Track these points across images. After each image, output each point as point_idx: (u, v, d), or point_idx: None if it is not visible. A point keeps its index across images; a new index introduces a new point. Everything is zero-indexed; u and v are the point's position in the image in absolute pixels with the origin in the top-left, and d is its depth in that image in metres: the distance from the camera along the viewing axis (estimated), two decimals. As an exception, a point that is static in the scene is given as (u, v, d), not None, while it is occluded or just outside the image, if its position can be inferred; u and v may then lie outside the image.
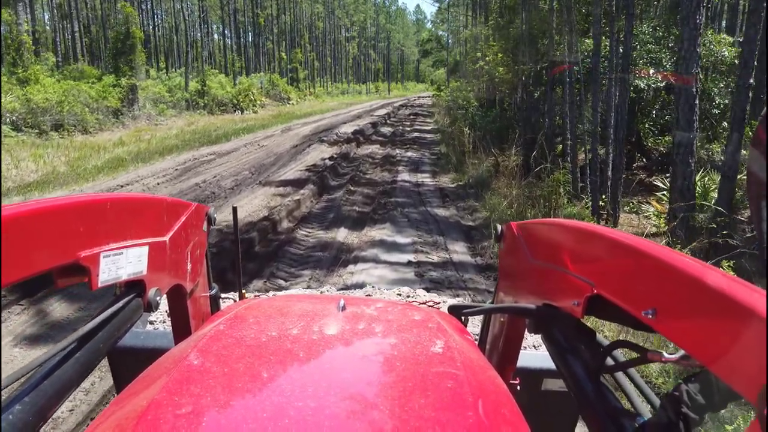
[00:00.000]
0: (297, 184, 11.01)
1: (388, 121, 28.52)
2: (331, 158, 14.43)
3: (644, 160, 12.44)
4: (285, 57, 54.86)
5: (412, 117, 32.11)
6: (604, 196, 8.44)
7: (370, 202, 9.49)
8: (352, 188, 10.62)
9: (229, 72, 45.55)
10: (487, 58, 14.78)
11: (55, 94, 20.24)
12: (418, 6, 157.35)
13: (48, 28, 36.67)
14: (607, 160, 8.45)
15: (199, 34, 53.81)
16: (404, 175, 12.21)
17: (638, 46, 10.00)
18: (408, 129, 23.98)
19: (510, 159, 10.96)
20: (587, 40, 10.76)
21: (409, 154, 15.70)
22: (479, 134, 13.72)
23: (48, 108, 19.62)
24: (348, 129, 23.15)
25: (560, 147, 11.50)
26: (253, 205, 8.83)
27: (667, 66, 9.89)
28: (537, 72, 11.96)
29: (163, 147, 17.95)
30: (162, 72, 36.23)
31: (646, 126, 11.52)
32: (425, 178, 11.92)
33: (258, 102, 39.35)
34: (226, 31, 53.43)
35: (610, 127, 8.33)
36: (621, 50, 8.01)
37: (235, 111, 36.39)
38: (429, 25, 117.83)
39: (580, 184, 9.26)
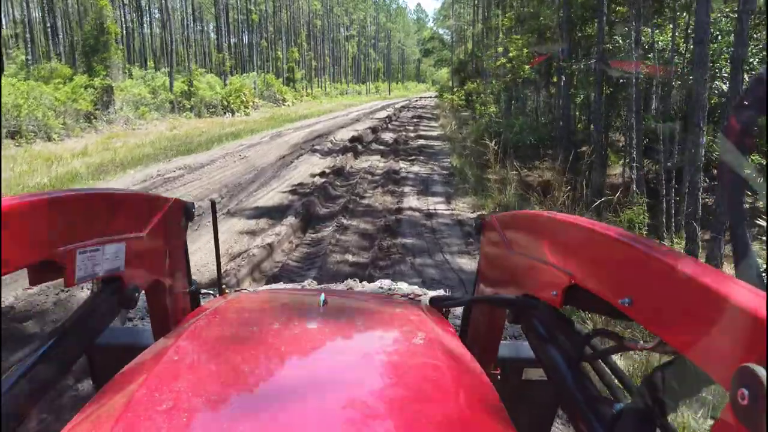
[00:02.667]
0: (275, 214, 8.60)
1: (389, 126, 26.07)
2: (322, 174, 12.01)
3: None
4: (281, 56, 52.42)
5: (415, 120, 29.66)
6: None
7: (368, 245, 7.05)
8: (345, 221, 8.17)
9: (221, 72, 43.11)
10: (509, 54, 12.38)
11: (12, 96, 17.82)
12: (418, 4, 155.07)
13: (26, 21, 34.26)
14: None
15: (186, 32, 51.39)
16: (411, 200, 9.75)
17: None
18: (412, 135, 21.53)
19: (547, 176, 8.57)
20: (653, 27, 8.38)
21: (415, 168, 13.24)
22: (500, 145, 11.30)
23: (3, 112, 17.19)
24: (345, 135, 20.73)
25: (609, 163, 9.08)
26: (208, 251, 6.38)
27: None
28: (585, 70, 9.57)
29: (131, 157, 15.58)
30: (149, 71, 33.83)
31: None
32: (438, 205, 9.46)
33: (250, 104, 36.93)
34: (218, 28, 50.97)
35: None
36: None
37: (225, 113, 33.99)
38: (430, 24, 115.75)
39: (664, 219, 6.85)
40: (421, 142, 19.18)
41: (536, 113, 13.52)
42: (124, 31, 48.40)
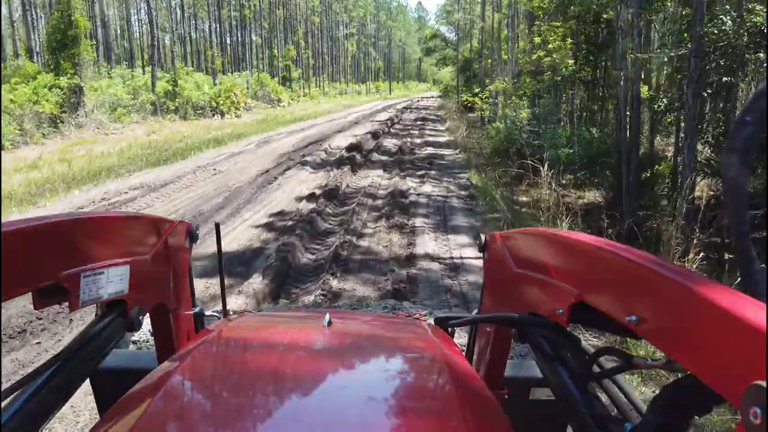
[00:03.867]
0: (237, 268, 6.11)
1: (391, 130, 23.53)
2: (310, 197, 9.51)
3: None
4: (276, 53, 49.87)
5: (419, 123, 27.13)
6: None
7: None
8: (335, 283, 5.65)
9: (211, 71, 40.56)
10: (549, 46, 9.90)
11: (-47, 97, 15.32)
12: (419, 3, 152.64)
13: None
14: None
15: (179, 29, 48.83)
16: (427, 241, 7.19)
17: None
18: (418, 142, 18.98)
19: (593, 199, 6.06)
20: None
21: (427, 188, 10.69)
22: (540, 161, 8.79)
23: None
24: (342, 142, 18.21)
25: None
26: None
27: None
28: (672, 62, 7.07)
29: (88, 171, 13.11)
30: (130, 70, 31.31)
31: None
32: (465, 249, 6.88)
33: (242, 104, 34.39)
34: (208, 25, 48.41)
35: None
36: None
37: (213, 115, 31.46)
38: (432, 22, 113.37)
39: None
40: (429, 150, 16.63)
41: (573, 120, 11.07)
42: (118, 29, 45.98)
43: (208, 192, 10.16)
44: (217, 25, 44.39)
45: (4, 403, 0.79)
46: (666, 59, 6.82)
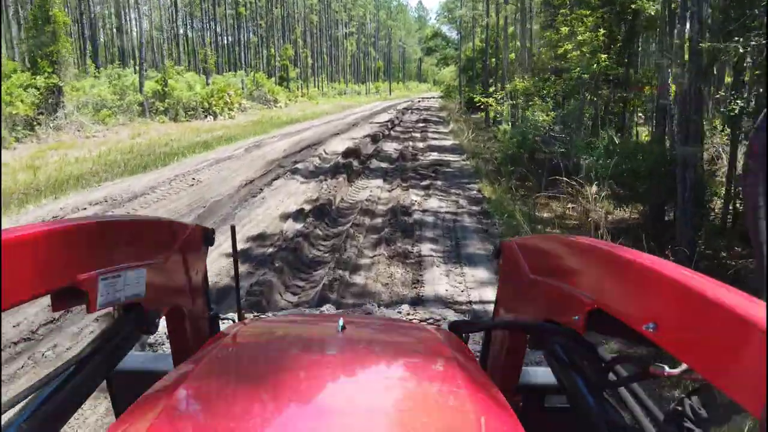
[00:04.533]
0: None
1: (392, 133, 22.13)
2: (298, 215, 8.13)
3: None
4: (273, 53, 48.48)
5: (421, 126, 25.73)
6: None
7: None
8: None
9: (205, 70, 39.15)
10: (578, 38, 8.50)
11: None
12: (420, 2, 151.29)
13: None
14: None
15: (174, 28, 47.43)
16: (437, 277, 5.78)
17: None
18: (421, 146, 17.58)
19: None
20: None
21: (433, 203, 9.28)
22: (566, 173, 7.40)
23: None
24: (338, 146, 16.82)
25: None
26: None
27: None
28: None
29: (55, 179, 11.76)
30: (118, 70, 29.90)
31: None
32: (484, 289, 5.49)
33: (236, 105, 33.02)
34: (203, 23, 47.02)
35: None
36: None
37: (206, 116, 30.10)
38: (432, 22, 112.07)
39: None
40: (434, 156, 15.23)
41: (597, 124, 9.68)
42: (113, 29, 44.63)
43: (179, 208, 8.78)
44: (212, 24, 43.03)
45: (23, 404, 0.80)
46: (748, 49, 5.46)
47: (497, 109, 10.97)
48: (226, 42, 48.53)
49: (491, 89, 29.94)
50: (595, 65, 8.29)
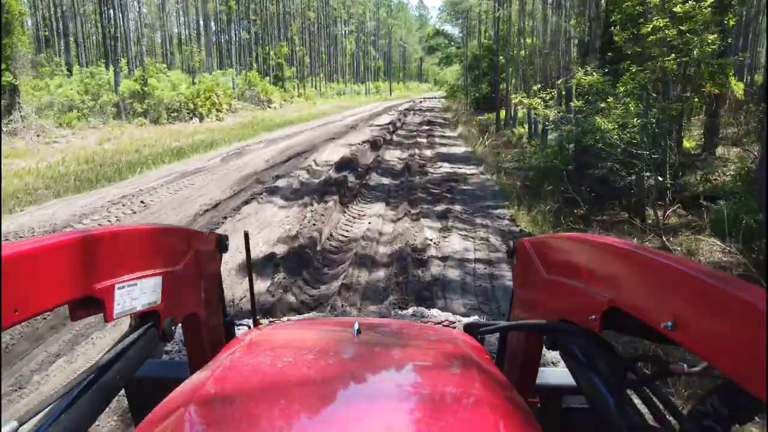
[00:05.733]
0: None
1: (394, 138, 19.64)
2: (266, 263, 5.66)
3: None
4: (269, 50, 45.94)
5: (426, 129, 23.24)
6: None
7: None
8: None
9: (195, 69, 36.63)
10: (673, 8, 6.00)
11: None
12: (420, 0, 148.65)
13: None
14: None
15: (166, 25, 44.87)
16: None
17: None
18: (429, 155, 15.07)
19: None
20: None
21: (455, 244, 6.76)
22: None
23: None
24: (333, 154, 14.34)
25: None
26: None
27: None
28: None
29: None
30: (100, 67, 27.41)
31: None
32: None
33: (224, 106, 30.54)
34: (193, 19, 44.49)
35: None
36: None
37: (191, 118, 27.62)
38: (433, 20, 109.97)
39: None
40: (445, 168, 12.73)
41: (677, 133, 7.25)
42: (99, 25, 42.11)
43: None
44: (202, 19, 40.51)
45: (44, 413, 0.80)
46: None
47: (545, 114, 8.52)
48: (217, 39, 45.91)
49: (501, 87, 27.55)
50: (697, 49, 5.86)
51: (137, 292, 0.99)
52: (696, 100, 7.25)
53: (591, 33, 9.35)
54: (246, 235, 1.67)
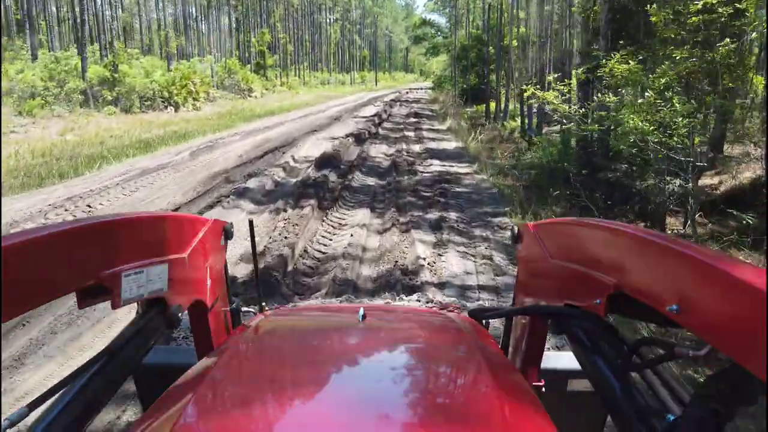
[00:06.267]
0: None
1: (379, 131, 18.51)
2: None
3: None
4: (251, 38, 44.31)
5: (414, 122, 22.11)
6: None
7: None
8: None
9: (171, 55, 35.00)
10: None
11: None
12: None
13: None
14: None
15: (141, 8, 42.99)
16: None
17: None
18: (417, 150, 13.97)
19: None
20: None
21: (454, 264, 5.64)
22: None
23: None
24: (314, 149, 13.19)
25: None
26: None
27: None
28: None
29: None
30: (58, 52, 25.78)
31: None
32: None
33: (202, 95, 29.11)
34: (167, 2, 42.66)
35: None
36: None
37: (166, 107, 26.20)
38: (420, 10, 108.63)
39: None
40: (436, 165, 11.65)
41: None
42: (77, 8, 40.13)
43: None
44: (179, 4, 38.79)
45: (53, 399, 0.81)
46: None
47: (562, 109, 7.46)
48: (197, 25, 44.25)
49: (492, 78, 26.47)
50: (756, 32, 4.83)
51: (144, 280, 0.98)
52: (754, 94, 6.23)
53: (600, 17, 8.32)
54: (250, 223, 1.79)
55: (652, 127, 5.41)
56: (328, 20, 73.30)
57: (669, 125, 5.35)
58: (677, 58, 5.46)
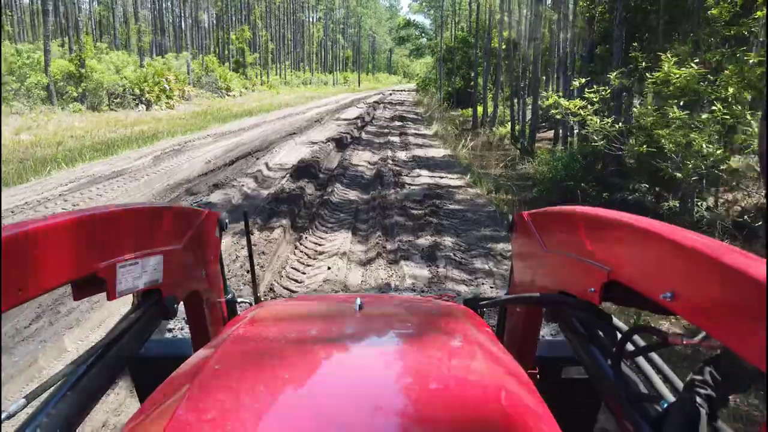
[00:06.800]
0: None
1: (363, 135, 17.43)
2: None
3: None
4: (232, 36, 42.84)
5: (398, 126, 21.05)
6: None
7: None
8: None
9: (143, 50, 33.43)
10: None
11: None
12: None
13: None
14: None
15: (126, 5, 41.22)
16: None
17: None
18: (403, 158, 12.90)
19: None
20: None
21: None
22: None
23: None
24: (291, 155, 12.06)
25: None
26: None
27: None
28: None
29: None
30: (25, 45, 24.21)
31: None
32: None
33: (176, 93, 27.73)
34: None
35: None
36: None
37: (138, 105, 24.82)
38: (404, 11, 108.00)
39: None
40: (425, 177, 10.60)
41: None
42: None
43: None
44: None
45: (50, 391, 0.81)
46: None
47: (592, 123, 6.39)
48: (173, 19, 42.67)
49: (479, 81, 25.56)
50: None
51: (139, 271, 0.98)
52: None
53: (614, 15, 7.36)
54: (245, 215, 1.76)
55: (724, 152, 4.39)
56: (311, 19, 72.03)
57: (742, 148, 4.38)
58: (751, 61, 4.45)
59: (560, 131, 18.41)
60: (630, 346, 0.90)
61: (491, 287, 5.06)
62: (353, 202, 8.24)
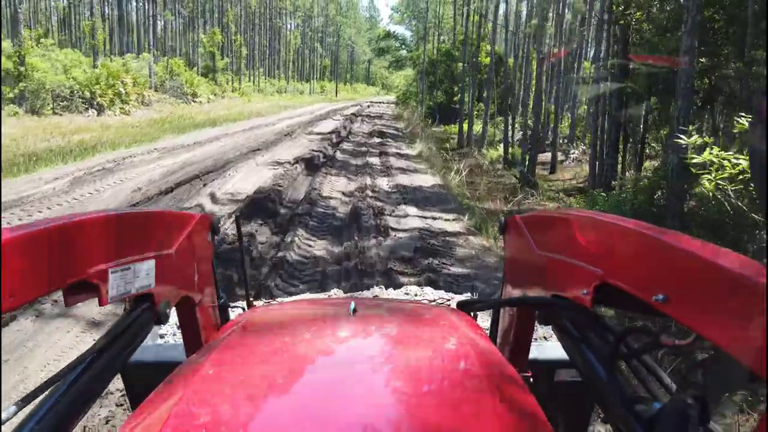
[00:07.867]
0: None
1: (337, 154, 15.23)
2: None
3: None
4: (203, 39, 40.31)
5: (378, 143, 18.90)
6: None
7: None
8: None
9: (96, 49, 30.71)
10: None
11: None
12: (371, 0, 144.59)
13: None
14: None
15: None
16: None
17: None
18: (385, 188, 10.71)
19: None
20: None
21: None
22: None
23: None
24: (246, 181, 9.80)
25: None
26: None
27: None
28: None
29: None
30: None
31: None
32: None
33: (133, 97, 25.16)
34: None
35: None
36: None
37: (87, 109, 22.23)
38: (384, 23, 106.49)
39: None
40: (414, 219, 8.42)
41: None
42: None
43: None
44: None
45: (40, 399, 0.80)
46: None
47: (735, 178, 4.46)
48: (137, 18, 40.01)
49: (465, 97, 23.71)
50: None
51: (131, 276, 0.97)
52: None
53: (688, 16, 5.46)
54: (237, 219, 1.77)
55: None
56: (288, 25, 69.80)
57: None
58: None
59: (557, 155, 16.52)
60: (623, 348, 0.87)
61: None
62: (320, 261, 6.02)
